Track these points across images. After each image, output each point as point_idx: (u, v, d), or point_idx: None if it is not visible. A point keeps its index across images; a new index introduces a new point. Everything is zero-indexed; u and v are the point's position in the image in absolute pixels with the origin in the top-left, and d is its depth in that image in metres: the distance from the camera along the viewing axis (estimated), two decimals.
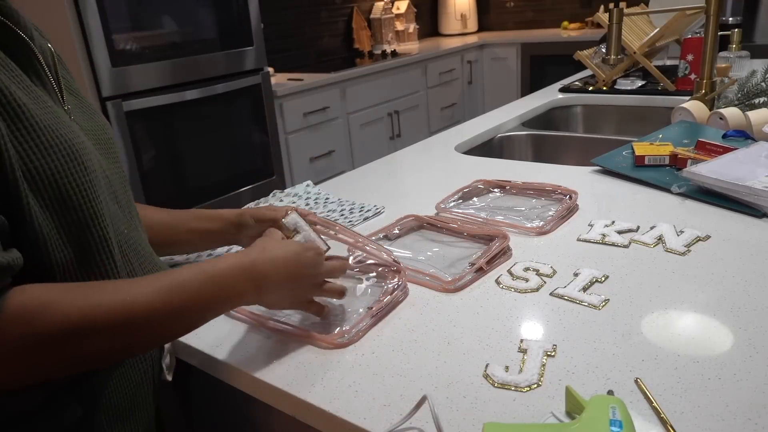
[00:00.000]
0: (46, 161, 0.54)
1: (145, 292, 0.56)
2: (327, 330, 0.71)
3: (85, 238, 0.58)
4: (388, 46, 4.17)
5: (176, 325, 0.60)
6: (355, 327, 0.71)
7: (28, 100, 0.55)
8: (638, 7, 1.92)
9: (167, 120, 2.34)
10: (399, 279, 0.80)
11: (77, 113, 0.66)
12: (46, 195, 0.55)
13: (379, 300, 0.76)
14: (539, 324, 0.70)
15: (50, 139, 0.55)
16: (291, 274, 0.67)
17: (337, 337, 0.69)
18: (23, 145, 0.53)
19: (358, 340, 0.70)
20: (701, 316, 0.68)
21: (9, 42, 0.58)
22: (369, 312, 0.73)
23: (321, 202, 1.18)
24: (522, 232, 0.94)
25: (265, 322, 0.75)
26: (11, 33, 0.58)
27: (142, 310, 0.55)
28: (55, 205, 0.55)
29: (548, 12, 4.63)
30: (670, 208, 0.99)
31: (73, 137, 0.58)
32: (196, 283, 0.60)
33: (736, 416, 0.53)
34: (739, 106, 1.37)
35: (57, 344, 0.51)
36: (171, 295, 0.57)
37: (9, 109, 0.53)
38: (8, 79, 0.55)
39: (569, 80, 2.22)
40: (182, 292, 0.58)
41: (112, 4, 2.11)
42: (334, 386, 0.62)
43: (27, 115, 0.54)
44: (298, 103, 2.94)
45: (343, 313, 0.76)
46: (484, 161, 1.36)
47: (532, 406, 0.56)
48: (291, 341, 0.71)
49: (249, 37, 2.63)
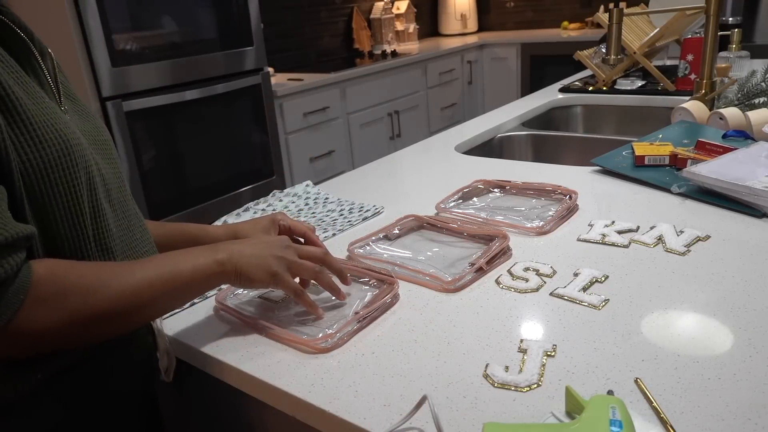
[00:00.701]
0: (39, 155, 0.56)
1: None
2: (314, 334, 0.71)
3: (60, 232, 0.59)
4: (388, 46, 4.17)
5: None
6: (339, 331, 0.70)
7: (24, 95, 0.56)
8: (638, 7, 1.92)
9: (167, 120, 2.34)
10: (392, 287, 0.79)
11: (74, 115, 0.67)
12: (37, 188, 0.56)
13: (367, 305, 0.75)
14: (539, 324, 0.70)
15: (44, 134, 0.56)
16: (258, 239, 0.74)
17: (321, 341, 0.68)
18: (18, 137, 0.54)
19: (343, 345, 0.69)
20: (701, 316, 0.68)
21: (9, 41, 0.60)
22: (356, 316, 0.73)
23: (320, 202, 1.18)
24: (522, 232, 0.94)
25: (254, 323, 0.74)
26: (11, 32, 0.60)
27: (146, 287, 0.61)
28: (43, 197, 0.57)
29: (548, 12, 4.63)
30: (670, 208, 0.99)
31: (68, 132, 0.59)
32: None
33: (736, 416, 0.53)
34: (739, 106, 1.37)
35: (83, 297, 0.56)
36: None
37: (7, 101, 0.54)
38: (7, 74, 0.56)
39: (569, 80, 2.22)
40: None
41: (112, 4, 2.11)
42: (334, 386, 0.62)
43: (23, 109, 0.55)
44: (298, 103, 2.94)
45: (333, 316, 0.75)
46: (484, 161, 1.36)
47: (532, 406, 0.56)
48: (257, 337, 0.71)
49: (249, 37, 2.63)
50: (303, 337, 0.70)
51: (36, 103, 0.57)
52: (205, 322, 0.78)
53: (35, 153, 0.55)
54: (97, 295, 0.57)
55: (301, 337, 0.70)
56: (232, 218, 1.12)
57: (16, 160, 0.54)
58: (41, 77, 0.63)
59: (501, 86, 4.30)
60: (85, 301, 0.56)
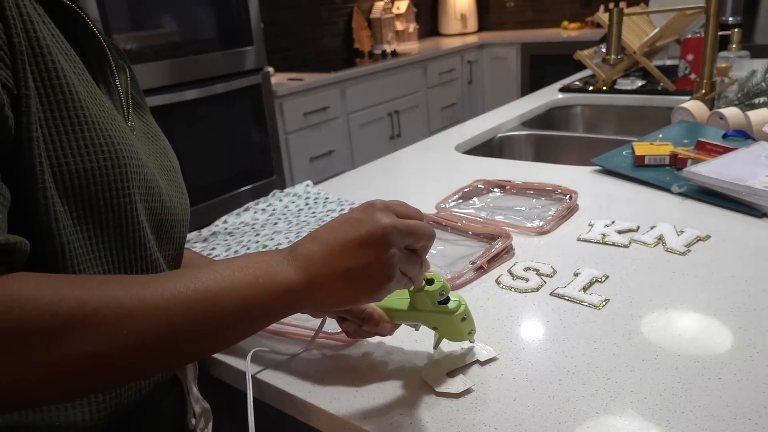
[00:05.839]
0: (82, 159, 0.47)
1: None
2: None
3: (105, 250, 0.50)
4: (388, 46, 4.17)
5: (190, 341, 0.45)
6: None
7: (83, 91, 0.49)
8: (638, 7, 1.92)
9: (167, 120, 2.33)
10: None
11: (139, 135, 0.60)
12: (74, 197, 0.47)
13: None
14: (539, 324, 0.70)
15: (94, 137, 0.48)
16: (352, 228, 0.50)
17: None
18: (61, 136, 0.46)
19: None
20: (701, 316, 0.68)
21: (85, 46, 0.55)
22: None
23: (321, 201, 1.18)
24: (522, 232, 0.94)
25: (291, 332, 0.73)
26: (89, 36, 0.55)
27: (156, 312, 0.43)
28: (84, 212, 0.48)
29: (548, 12, 4.63)
30: (670, 208, 0.99)
31: (124, 142, 0.51)
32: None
33: (736, 416, 0.53)
34: (739, 106, 1.37)
35: (41, 340, 0.38)
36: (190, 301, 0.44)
37: (60, 92, 0.46)
38: (69, 68, 0.49)
39: (569, 80, 2.22)
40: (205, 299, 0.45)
41: (112, 4, 2.11)
42: (334, 386, 0.62)
43: (77, 105, 0.47)
44: (298, 103, 2.94)
45: None
46: (484, 161, 1.36)
47: (532, 406, 0.56)
48: (289, 342, 0.71)
49: (249, 37, 2.63)
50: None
51: (95, 104, 0.50)
52: None
53: (77, 157, 0.47)
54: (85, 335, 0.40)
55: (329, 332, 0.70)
56: (232, 218, 1.12)
57: (49, 162, 0.45)
58: (111, 87, 0.57)
59: (501, 86, 4.30)
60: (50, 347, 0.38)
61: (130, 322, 0.41)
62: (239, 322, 0.47)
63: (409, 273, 0.52)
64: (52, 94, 0.46)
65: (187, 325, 0.43)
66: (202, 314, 0.44)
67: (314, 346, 0.69)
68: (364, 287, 0.50)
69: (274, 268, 0.48)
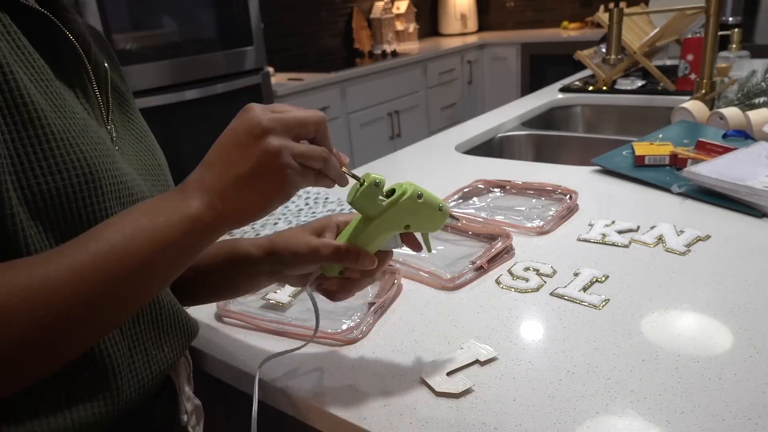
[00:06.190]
0: (53, 178, 0.46)
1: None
2: (331, 328, 0.71)
3: None
4: (388, 46, 4.17)
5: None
6: (363, 323, 0.71)
7: (48, 107, 0.48)
8: (638, 7, 1.92)
9: (167, 120, 2.33)
10: (395, 277, 0.80)
11: (124, 135, 0.60)
12: (53, 218, 0.47)
13: (377, 295, 0.77)
14: (539, 324, 0.70)
15: (63, 154, 0.47)
16: (229, 137, 0.49)
17: (347, 333, 0.69)
18: (29, 156, 0.45)
19: (364, 337, 0.70)
20: (701, 316, 0.68)
21: (60, 49, 0.54)
22: (371, 308, 0.74)
23: (320, 201, 1.18)
24: (522, 232, 0.94)
25: (266, 326, 0.74)
26: (63, 39, 0.54)
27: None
28: (59, 231, 0.47)
29: (548, 12, 4.63)
30: (670, 208, 0.99)
31: (96, 155, 0.50)
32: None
33: (736, 416, 0.53)
34: (739, 106, 1.37)
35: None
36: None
37: (23, 111, 0.45)
38: (32, 83, 0.47)
39: (569, 80, 2.22)
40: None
41: (112, 4, 2.11)
42: (333, 386, 0.62)
43: (41, 123, 0.46)
44: (298, 103, 2.94)
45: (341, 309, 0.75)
46: (484, 161, 1.36)
47: (532, 406, 0.56)
48: (289, 341, 0.71)
49: (249, 37, 2.63)
50: (328, 331, 0.70)
51: (63, 118, 0.48)
52: (210, 332, 0.77)
53: (48, 176, 0.46)
54: None
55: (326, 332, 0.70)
56: None
57: (18, 184, 0.45)
58: (88, 90, 0.56)
59: (501, 86, 4.30)
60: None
61: (43, 302, 0.41)
62: (158, 265, 0.46)
63: (311, 164, 0.50)
64: (16, 114, 0.45)
65: (105, 284, 0.43)
66: (116, 268, 0.44)
67: (314, 347, 0.69)
68: (265, 187, 0.48)
69: (173, 202, 0.48)
